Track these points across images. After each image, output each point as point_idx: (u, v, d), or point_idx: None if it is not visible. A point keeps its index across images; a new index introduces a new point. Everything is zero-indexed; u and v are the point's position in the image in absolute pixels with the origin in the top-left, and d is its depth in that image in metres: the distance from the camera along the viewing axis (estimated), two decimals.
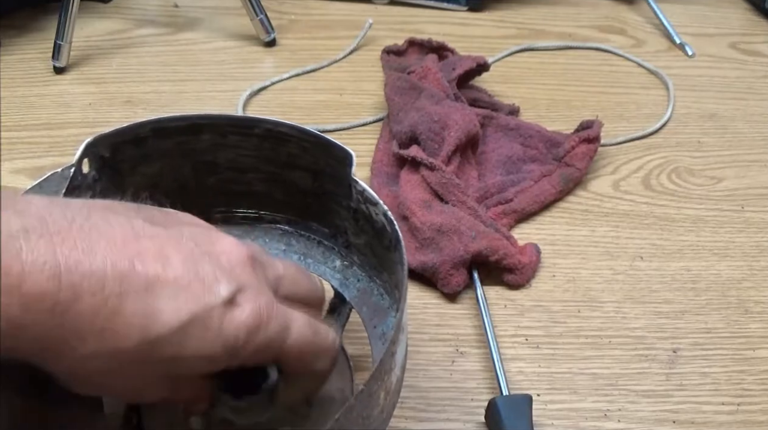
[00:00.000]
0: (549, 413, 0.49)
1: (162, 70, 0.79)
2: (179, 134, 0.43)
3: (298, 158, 0.44)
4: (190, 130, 0.43)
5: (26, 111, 0.73)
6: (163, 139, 0.43)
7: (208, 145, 0.44)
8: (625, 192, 0.66)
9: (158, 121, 0.41)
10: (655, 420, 0.49)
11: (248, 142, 0.44)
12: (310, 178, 0.45)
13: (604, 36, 0.88)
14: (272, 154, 0.44)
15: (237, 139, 0.44)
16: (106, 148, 0.41)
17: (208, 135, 0.43)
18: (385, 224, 0.41)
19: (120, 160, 0.42)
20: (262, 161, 0.45)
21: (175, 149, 0.43)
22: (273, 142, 0.44)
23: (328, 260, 0.48)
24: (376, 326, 0.44)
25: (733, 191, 0.67)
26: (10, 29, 0.84)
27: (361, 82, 0.78)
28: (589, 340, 0.54)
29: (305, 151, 0.44)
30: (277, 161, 0.45)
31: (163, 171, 0.44)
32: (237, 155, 0.45)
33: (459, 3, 0.91)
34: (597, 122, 0.66)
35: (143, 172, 0.43)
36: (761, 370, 0.52)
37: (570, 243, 0.61)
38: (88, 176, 0.40)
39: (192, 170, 0.45)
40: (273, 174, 0.46)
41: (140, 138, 0.42)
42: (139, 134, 0.42)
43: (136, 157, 0.42)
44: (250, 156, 0.45)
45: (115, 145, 0.41)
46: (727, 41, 0.89)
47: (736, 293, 0.58)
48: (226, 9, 0.89)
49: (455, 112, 0.64)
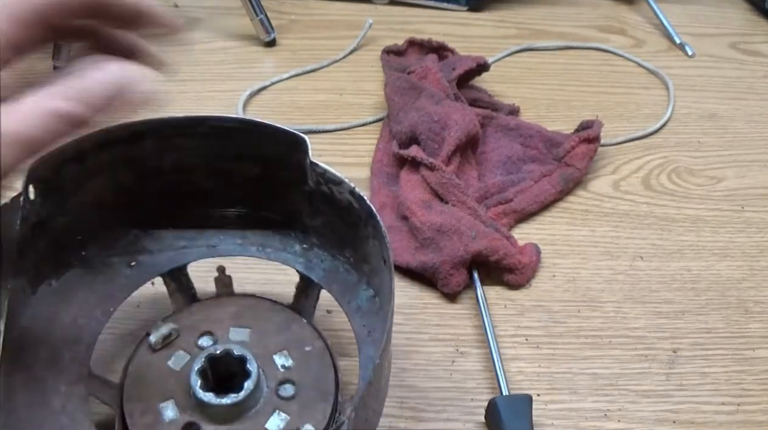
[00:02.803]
0: (549, 413, 0.49)
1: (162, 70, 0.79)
2: (121, 144, 0.42)
3: (245, 149, 0.44)
4: (132, 138, 0.42)
5: None
6: (105, 150, 0.42)
7: (150, 150, 0.43)
8: (625, 192, 0.66)
9: (99, 133, 0.40)
10: (655, 420, 0.49)
11: (192, 141, 0.43)
12: (258, 168, 0.45)
13: (604, 36, 0.88)
14: (218, 150, 0.44)
15: (181, 141, 0.43)
16: (49, 170, 0.39)
17: (150, 140, 0.43)
18: (352, 202, 0.41)
19: (64, 179, 0.41)
20: (208, 158, 0.45)
21: (118, 160, 0.43)
22: (217, 138, 0.43)
23: (287, 246, 0.48)
24: (350, 302, 0.45)
25: (733, 191, 0.67)
26: None
27: (361, 82, 0.78)
28: (589, 340, 0.54)
29: (251, 142, 0.43)
30: (224, 156, 0.44)
31: (107, 185, 0.43)
32: (182, 156, 0.44)
33: (459, 3, 0.91)
34: (597, 122, 0.66)
35: (87, 190, 0.43)
36: (761, 370, 0.52)
37: (570, 243, 0.61)
38: (35, 202, 0.39)
39: (136, 179, 0.44)
40: (220, 169, 0.45)
41: (82, 153, 0.41)
42: (80, 149, 0.40)
43: (79, 175, 0.41)
44: (196, 155, 0.44)
45: (56, 165, 0.40)
46: (727, 41, 0.89)
47: (736, 293, 0.58)
48: (226, 9, 0.88)
49: (455, 112, 0.64)
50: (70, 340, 0.44)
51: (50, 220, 0.41)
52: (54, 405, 0.41)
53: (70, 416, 0.41)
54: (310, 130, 0.71)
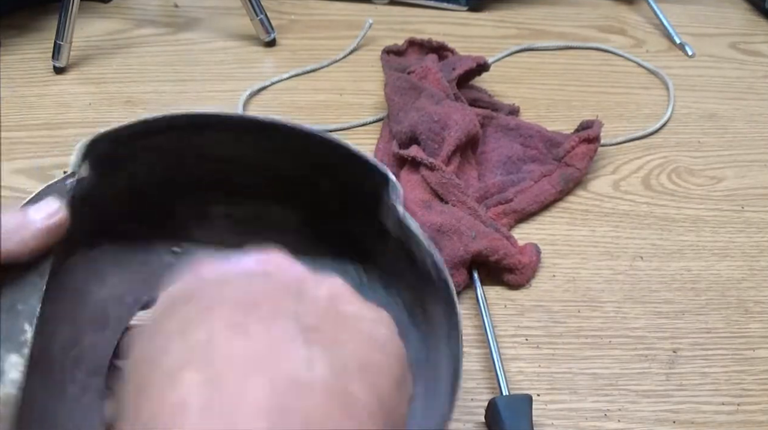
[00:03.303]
0: (549, 413, 0.49)
1: (162, 70, 0.79)
2: (188, 131, 0.41)
3: (320, 163, 0.42)
4: (198, 128, 0.41)
5: (26, 111, 0.73)
6: (167, 134, 0.41)
7: (217, 142, 0.42)
8: (625, 192, 0.66)
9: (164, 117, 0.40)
10: (655, 420, 0.49)
11: (267, 142, 0.42)
12: (330, 184, 0.43)
13: (604, 36, 0.88)
14: (291, 157, 0.43)
15: (250, 138, 0.42)
16: (107, 145, 0.39)
17: (219, 133, 0.42)
18: (428, 267, 0.38)
19: (120, 156, 0.40)
20: (279, 162, 0.43)
21: (180, 145, 0.42)
22: (294, 146, 0.42)
23: (341, 266, 0.46)
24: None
25: (733, 191, 0.67)
26: (10, 29, 0.84)
27: (361, 82, 0.78)
28: (589, 340, 0.54)
29: (327, 157, 0.42)
30: (297, 164, 0.43)
31: (162, 166, 0.43)
32: (252, 154, 0.43)
33: (459, 3, 0.91)
34: (597, 122, 0.66)
35: (143, 168, 0.42)
36: (761, 370, 0.52)
37: (570, 243, 0.61)
38: (83, 179, 0.39)
39: (196, 166, 0.43)
40: (289, 177, 0.44)
41: (143, 133, 0.40)
42: (142, 129, 0.40)
43: (136, 153, 0.41)
44: (267, 156, 0.43)
45: (115, 141, 0.39)
46: (727, 41, 0.89)
47: (736, 293, 0.58)
48: (226, 9, 0.88)
49: (455, 112, 0.64)
50: (95, 323, 0.42)
51: (97, 192, 0.40)
52: (69, 392, 0.40)
53: (84, 408, 0.40)
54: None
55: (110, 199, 0.42)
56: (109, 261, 0.44)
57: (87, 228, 0.41)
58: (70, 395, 0.40)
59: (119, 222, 0.44)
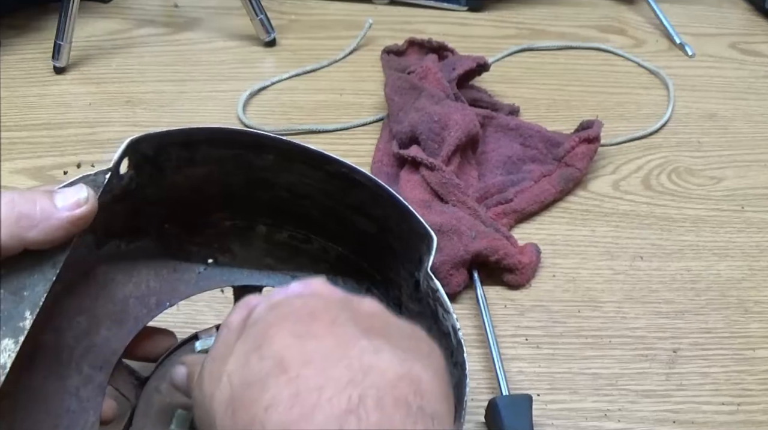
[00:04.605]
0: (549, 413, 0.49)
1: (162, 70, 0.79)
2: (242, 148, 0.41)
3: (367, 206, 0.42)
4: (255, 147, 0.41)
5: (26, 111, 0.73)
6: (219, 148, 0.41)
7: (270, 164, 0.42)
8: (625, 192, 0.66)
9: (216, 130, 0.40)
10: (655, 420, 0.49)
11: (317, 173, 0.42)
12: (375, 228, 0.43)
13: (604, 36, 0.88)
14: (340, 192, 0.42)
15: (305, 168, 0.42)
16: (151, 148, 0.39)
17: (273, 156, 0.41)
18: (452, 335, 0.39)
19: (164, 160, 0.40)
20: (326, 194, 0.43)
21: (232, 160, 0.42)
22: (343, 182, 0.41)
23: None
24: None
25: (733, 191, 0.67)
26: (10, 29, 0.84)
27: (361, 82, 0.78)
28: (589, 340, 0.54)
29: (377, 204, 0.41)
30: (343, 201, 0.42)
31: (211, 177, 0.42)
32: (301, 182, 0.43)
33: (459, 3, 0.91)
34: (597, 122, 0.66)
35: (188, 174, 0.42)
36: (761, 370, 0.52)
37: (570, 243, 0.61)
38: (124, 176, 0.39)
39: (245, 182, 0.43)
40: (334, 210, 0.43)
41: (191, 143, 0.40)
42: (190, 138, 0.40)
43: (183, 159, 0.41)
44: (315, 186, 0.43)
45: (161, 145, 0.39)
46: (727, 41, 0.89)
47: (736, 293, 0.58)
48: (226, 9, 0.88)
49: (455, 112, 0.64)
50: (113, 318, 0.42)
51: (139, 190, 0.40)
52: (70, 381, 0.40)
53: (82, 400, 0.40)
54: (310, 130, 0.71)
55: (153, 199, 0.41)
56: (141, 260, 0.44)
57: (124, 223, 0.41)
58: (70, 385, 0.40)
59: (159, 224, 0.44)
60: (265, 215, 0.45)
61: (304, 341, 0.28)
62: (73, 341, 0.40)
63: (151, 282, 0.44)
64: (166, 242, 0.44)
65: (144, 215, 0.42)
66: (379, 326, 0.30)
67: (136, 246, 0.43)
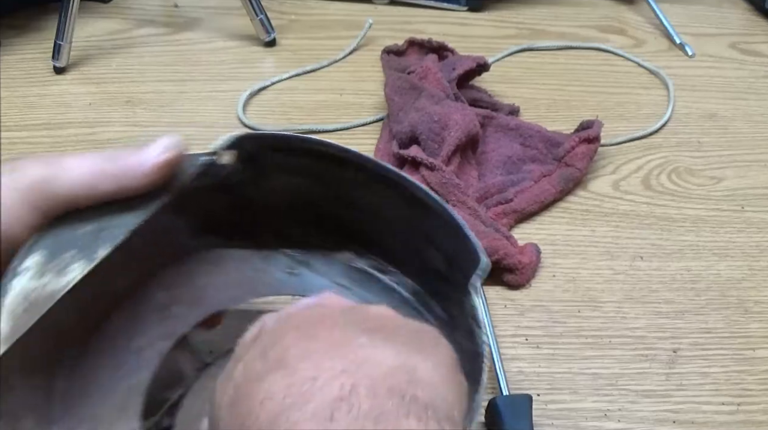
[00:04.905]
0: (549, 413, 0.49)
1: (162, 70, 0.79)
2: (330, 160, 0.41)
3: (438, 238, 0.42)
4: (342, 164, 0.41)
5: (26, 111, 0.73)
6: (312, 158, 0.41)
7: (356, 181, 0.42)
8: (625, 192, 0.66)
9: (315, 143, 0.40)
10: (655, 420, 0.49)
11: (398, 198, 0.42)
12: (444, 264, 0.43)
13: (604, 36, 0.88)
14: (416, 221, 0.42)
15: (385, 190, 0.42)
16: (250, 146, 0.40)
17: (358, 173, 0.42)
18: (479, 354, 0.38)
19: (263, 161, 0.41)
20: (404, 222, 0.43)
21: (323, 173, 0.42)
22: (422, 212, 0.41)
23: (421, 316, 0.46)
24: None
25: (733, 191, 0.67)
26: (10, 29, 0.84)
27: (361, 82, 0.78)
28: (589, 340, 0.54)
29: (447, 236, 0.41)
30: (418, 230, 0.42)
31: (304, 188, 0.43)
32: (382, 204, 0.43)
33: (459, 3, 0.91)
34: (597, 122, 0.66)
35: (285, 182, 0.42)
36: (761, 370, 0.52)
37: (570, 243, 0.61)
38: (227, 167, 0.40)
39: (334, 200, 0.43)
40: (411, 240, 0.43)
41: (290, 148, 0.41)
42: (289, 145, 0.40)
43: (280, 165, 0.41)
44: (394, 212, 0.43)
45: (258, 146, 0.40)
46: (727, 41, 0.89)
47: (736, 293, 0.58)
48: (226, 9, 0.89)
49: (455, 112, 0.64)
50: (189, 300, 0.43)
51: (241, 187, 0.41)
52: (134, 343, 0.41)
53: (140, 360, 0.41)
54: (310, 130, 0.71)
55: (252, 199, 0.42)
56: (229, 254, 0.45)
57: (221, 216, 0.43)
58: (135, 344, 0.41)
59: (254, 224, 0.45)
60: (351, 241, 0.46)
61: (306, 342, 0.29)
62: (148, 310, 0.42)
63: (232, 276, 0.45)
64: (257, 243, 0.46)
65: (242, 212, 0.43)
66: (383, 326, 0.30)
67: (228, 241, 0.45)
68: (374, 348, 0.28)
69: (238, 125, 0.72)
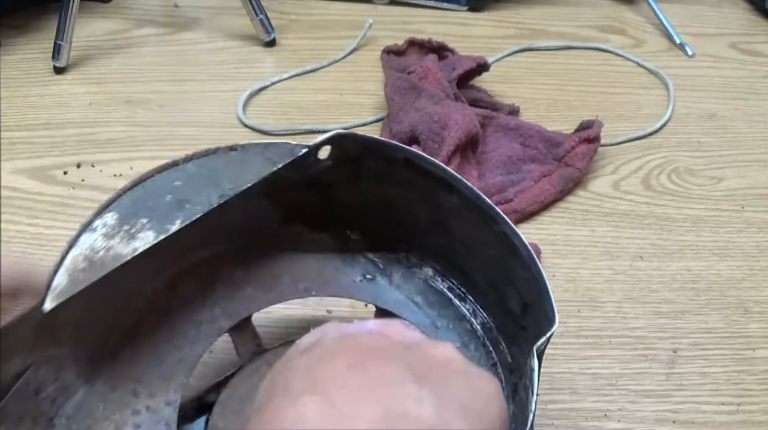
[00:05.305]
0: (549, 413, 0.49)
1: (162, 70, 0.79)
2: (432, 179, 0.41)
3: (519, 282, 0.41)
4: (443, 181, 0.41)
5: (26, 111, 0.73)
6: (415, 173, 0.41)
7: (453, 206, 0.42)
8: (625, 192, 0.66)
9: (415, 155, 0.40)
10: (655, 420, 0.49)
11: (488, 232, 0.41)
12: (519, 305, 0.42)
13: (604, 36, 0.88)
14: (503, 259, 0.41)
15: (477, 221, 0.41)
16: (357, 148, 0.40)
17: (456, 198, 0.41)
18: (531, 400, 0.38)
19: (365, 166, 0.41)
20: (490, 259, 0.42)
21: (421, 189, 0.42)
22: (510, 253, 0.41)
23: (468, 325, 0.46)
24: None
25: (733, 191, 0.67)
26: (10, 29, 0.84)
27: (361, 82, 0.78)
28: (589, 340, 0.54)
29: (529, 286, 0.40)
30: (502, 267, 0.42)
31: (400, 200, 0.43)
32: (473, 234, 0.42)
33: (459, 3, 0.91)
34: (597, 122, 0.66)
35: (382, 189, 0.42)
36: (761, 370, 0.52)
37: (570, 243, 0.61)
38: (321, 163, 0.40)
39: (428, 219, 0.43)
40: (494, 275, 0.43)
41: (394, 158, 0.40)
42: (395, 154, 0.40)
43: (381, 172, 0.41)
44: (482, 245, 0.42)
45: (367, 150, 0.40)
46: (727, 41, 0.89)
47: (736, 293, 0.58)
48: (226, 9, 0.89)
49: (455, 112, 0.64)
50: (263, 285, 0.44)
51: (333, 185, 0.41)
52: (197, 316, 0.42)
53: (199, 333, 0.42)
54: (310, 130, 0.71)
55: (343, 199, 0.43)
56: (312, 250, 0.45)
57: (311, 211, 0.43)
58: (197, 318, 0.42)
59: (342, 225, 0.45)
60: (434, 260, 0.46)
61: (354, 373, 0.28)
62: (219, 286, 0.43)
63: (311, 271, 0.45)
64: (342, 244, 0.46)
65: (330, 210, 0.44)
66: (440, 375, 0.30)
67: (314, 237, 0.45)
68: (419, 403, 0.27)
69: (238, 125, 0.72)
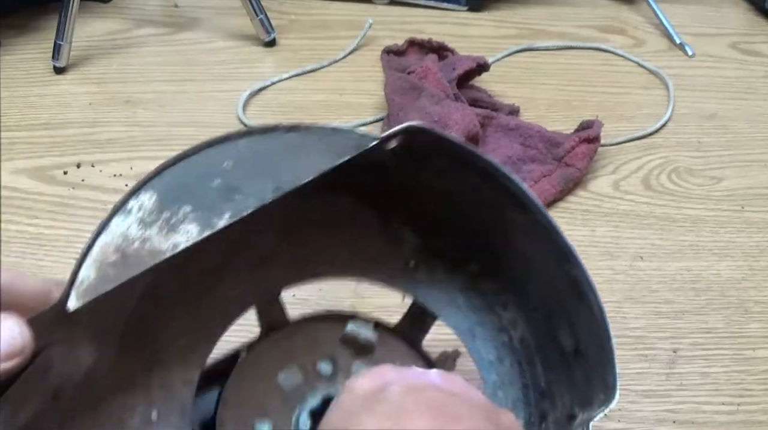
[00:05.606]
0: None
1: (162, 70, 0.79)
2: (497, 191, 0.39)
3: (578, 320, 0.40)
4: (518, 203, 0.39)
5: (26, 111, 0.73)
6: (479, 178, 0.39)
7: (515, 223, 0.40)
8: (625, 192, 0.66)
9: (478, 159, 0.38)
10: (655, 420, 0.49)
11: (556, 269, 0.40)
12: (570, 345, 0.41)
13: (604, 36, 0.88)
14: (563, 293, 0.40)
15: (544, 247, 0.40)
16: (427, 142, 0.38)
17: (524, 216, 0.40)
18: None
19: (427, 160, 0.40)
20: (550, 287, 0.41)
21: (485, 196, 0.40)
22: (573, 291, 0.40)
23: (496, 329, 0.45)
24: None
25: (733, 191, 0.67)
26: (10, 29, 0.84)
27: (361, 82, 0.78)
28: None
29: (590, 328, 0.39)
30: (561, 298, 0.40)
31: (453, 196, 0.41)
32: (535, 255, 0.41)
33: (459, 3, 0.91)
34: (597, 122, 0.66)
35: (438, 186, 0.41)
36: (761, 370, 0.52)
37: None
38: (385, 151, 0.37)
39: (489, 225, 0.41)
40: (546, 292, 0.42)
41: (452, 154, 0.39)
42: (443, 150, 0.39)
43: (440, 168, 0.40)
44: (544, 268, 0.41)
45: (435, 146, 0.38)
46: (727, 41, 0.89)
47: (736, 293, 0.58)
48: (226, 9, 0.89)
49: (455, 112, 0.64)
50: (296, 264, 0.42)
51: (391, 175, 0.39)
52: (221, 286, 0.39)
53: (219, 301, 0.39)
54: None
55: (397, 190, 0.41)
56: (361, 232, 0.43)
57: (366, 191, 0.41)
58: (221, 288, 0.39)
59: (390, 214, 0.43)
60: (484, 259, 0.44)
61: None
62: (256, 258, 0.40)
63: (356, 257, 0.43)
64: (392, 234, 0.44)
65: (384, 192, 0.42)
66: None
67: (363, 220, 0.42)
68: None
69: (239, 125, 0.72)
